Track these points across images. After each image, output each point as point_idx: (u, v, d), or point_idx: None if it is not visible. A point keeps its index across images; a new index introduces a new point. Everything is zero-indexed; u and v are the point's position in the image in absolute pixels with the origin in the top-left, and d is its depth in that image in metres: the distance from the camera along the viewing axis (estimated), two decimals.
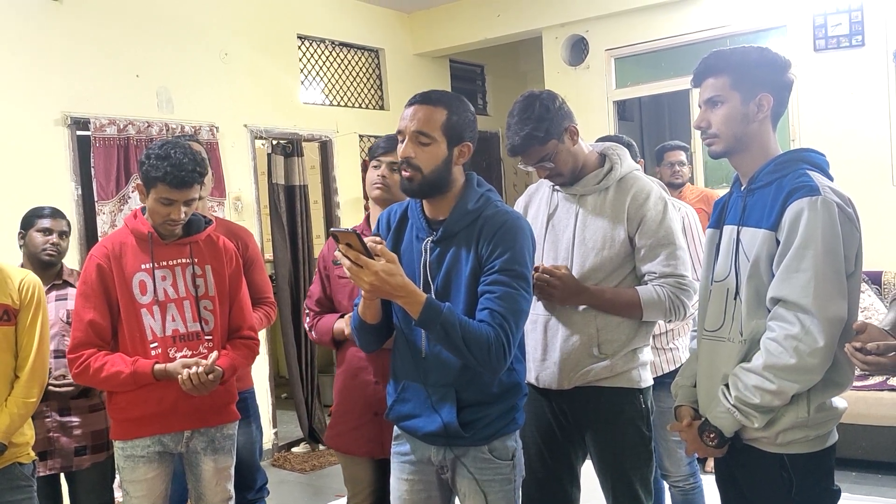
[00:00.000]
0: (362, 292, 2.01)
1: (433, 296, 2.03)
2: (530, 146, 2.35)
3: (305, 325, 2.82)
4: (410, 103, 2.07)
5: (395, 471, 2.24)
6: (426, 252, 2.09)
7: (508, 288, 1.98)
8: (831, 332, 1.82)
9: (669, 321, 2.48)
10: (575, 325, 2.40)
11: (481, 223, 2.05)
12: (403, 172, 2.05)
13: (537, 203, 2.58)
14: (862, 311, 4.55)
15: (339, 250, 1.89)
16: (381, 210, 2.35)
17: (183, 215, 2.53)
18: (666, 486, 3.20)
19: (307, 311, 2.79)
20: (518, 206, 2.65)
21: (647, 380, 2.45)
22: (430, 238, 2.09)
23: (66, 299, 3.05)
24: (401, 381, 2.17)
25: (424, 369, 2.10)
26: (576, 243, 2.42)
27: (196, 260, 2.62)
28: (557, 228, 2.47)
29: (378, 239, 1.97)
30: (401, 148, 2.05)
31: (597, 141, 3.19)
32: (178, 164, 2.45)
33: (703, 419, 1.99)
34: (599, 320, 2.38)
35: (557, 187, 2.50)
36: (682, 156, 4.64)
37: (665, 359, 2.97)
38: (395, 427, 2.24)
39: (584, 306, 2.39)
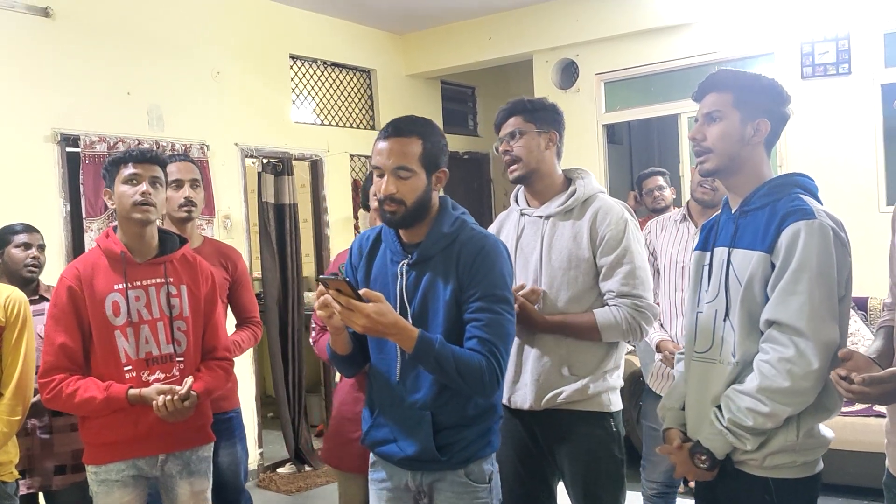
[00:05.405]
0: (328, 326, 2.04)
1: (410, 319, 2.05)
2: (516, 113, 2.46)
3: (311, 340, 2.82)
4: (383, 136, 2.06)
5: (373, 499, 2.24)
6: (402, 275, 2.09)
7: (493, 314, 2.01)
8: (825, 355, 1.84)
9: (628, 342, 2.51)
10: (546, 346, 2.44)
11: (458, 248, 2.06)
12: (386, 207, 2.05)
13: (507, 228, 2.61)
14: (849, 337, 4.56)
15: (330, 295, 1.91)
16: None
17: (152, 192, 2.48)
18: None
19: (313, 325, 2.79)
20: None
21: (616, 404, 2.48)
22: (406, 261, 2.10)
23: (43, 314, 3.02)
24: (376, 406, 2.18)
25: (400, 394, 2.11)
26: (543, 264, 2.46)
27: (171, 279, 2.56)
28: (525, 251, 2.50)
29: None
30: (381, 184, 2.05)
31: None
32: (140, 148, 2.58)
33: (694, 441, 1.99)
34: (569, 342, 2.42)
35: (525, 211, 2.54)
36: (660, 180, 4.69)
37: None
38: (371, 454, 2.24)
39: None
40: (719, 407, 1.94)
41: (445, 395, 2.05)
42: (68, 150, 4.39)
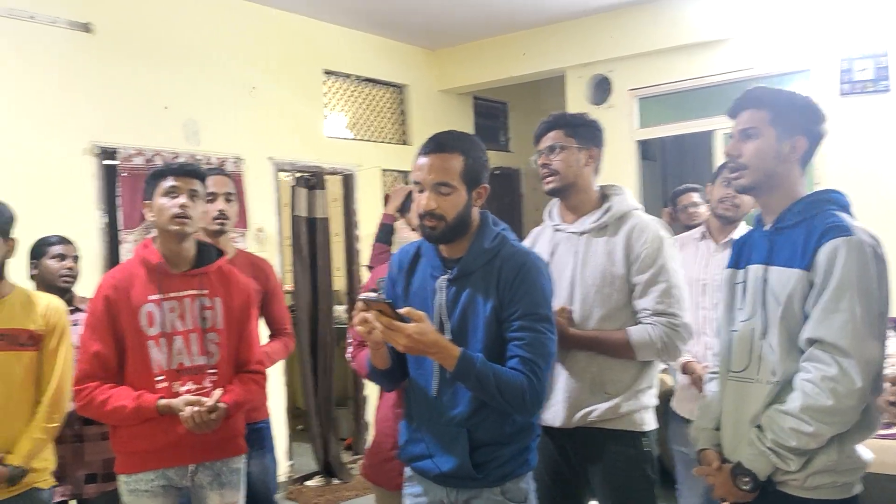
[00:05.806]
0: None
1: (448, 334, 2.04)
2: (557, 127, 2.47)
3: (348, 355, 2.82)
4: (425, 152, 2.05)
5: None
6: (441, 290, 2.08)
7: (534, 332, 1.99)
8: (868, 373, 1.81)
9: (662, 361, 2.47)
10: (578, 364, 2.42)
11: (499, 264, 2.04)
12: (426, 222, 2.04)
13: (541, 244, 2.60)
14: (887, 357, 4.46)
15: (372, 315, 1.91)
16: None
17: (190, 204, 2.50)
18: None
19: (350, 339, 2.79)
20: None
21: (650, 423, 2.45)
22: (446, 276, 2.08)
23: (77, 324, 3.06)
24: (413, 421, 2.17)
25: (437, 410, 2.09)
26: (576, 282, 2.44)
27: (206, 292, 2.57)
28: (558, 267, 2.48)
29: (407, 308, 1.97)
30: (421, 199, 2.04)
31: None
32: (181, 161, 2.56)
33: (735, 462, 1.96)
34: (601, 359, 2.40)
35: (559, 227, 2.53)
36: (695, 196, 4.62)
37: None
38: (407, 468, 2.22)
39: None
40: (760, 427, 1.91)
41: (483, 412, 2.03)
42: (106, 162, 4.46)
